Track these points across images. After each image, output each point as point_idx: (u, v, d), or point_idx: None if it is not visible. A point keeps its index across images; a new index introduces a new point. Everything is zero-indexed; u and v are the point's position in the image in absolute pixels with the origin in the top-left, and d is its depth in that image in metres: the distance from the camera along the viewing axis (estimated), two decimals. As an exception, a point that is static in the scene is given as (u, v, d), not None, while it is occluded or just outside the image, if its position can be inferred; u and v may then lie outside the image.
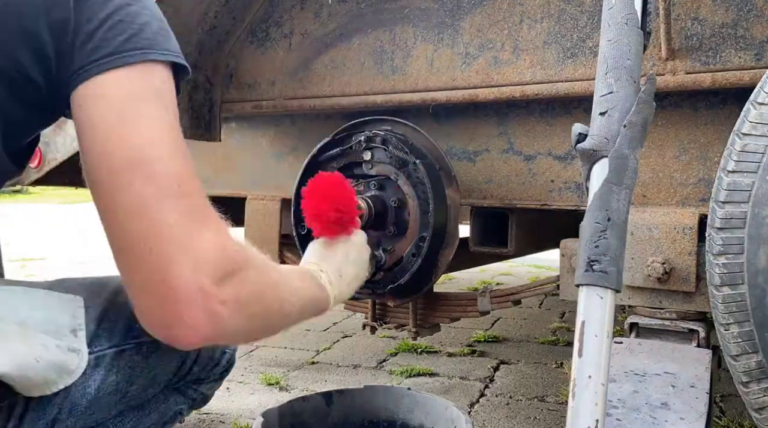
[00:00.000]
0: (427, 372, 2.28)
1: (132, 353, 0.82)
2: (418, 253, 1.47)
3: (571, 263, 1.39)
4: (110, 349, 0.80)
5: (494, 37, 1.46)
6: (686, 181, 1.34)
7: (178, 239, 0.66)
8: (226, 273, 0.68)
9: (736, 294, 0.96)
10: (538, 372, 2.32)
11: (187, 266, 0.65)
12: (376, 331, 1.86)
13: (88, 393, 0.78)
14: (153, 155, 0.67)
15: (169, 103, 0.71)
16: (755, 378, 0.97)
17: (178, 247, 0.66)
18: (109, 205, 0.68)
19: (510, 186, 1.54)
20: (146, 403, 0.90)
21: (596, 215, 0.80)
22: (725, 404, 1.97)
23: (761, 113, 0.96)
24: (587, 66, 1.36)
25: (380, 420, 1.08)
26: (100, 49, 0.68)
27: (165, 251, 0.65)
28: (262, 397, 2.01)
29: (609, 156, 0.82)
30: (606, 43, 0.87)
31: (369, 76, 1.62)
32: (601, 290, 0.78)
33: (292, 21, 1.73)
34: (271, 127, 1.94)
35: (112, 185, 0.67)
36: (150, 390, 0.88)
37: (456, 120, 1.61)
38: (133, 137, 0.67)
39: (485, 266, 4.02)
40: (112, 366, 0.80)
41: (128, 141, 0.67)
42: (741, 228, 0.96)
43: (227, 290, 0.68)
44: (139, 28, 0.70)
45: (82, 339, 0.76)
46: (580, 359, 0.76)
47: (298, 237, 1.62)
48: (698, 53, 1.26)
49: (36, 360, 0.69)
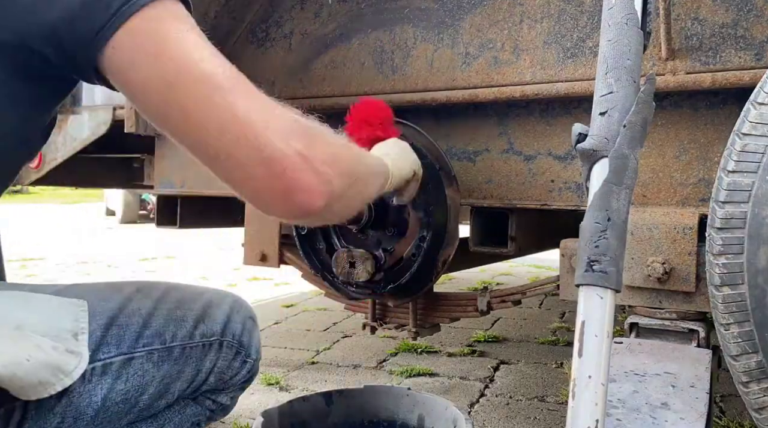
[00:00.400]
0: (427, 372, 2.28)
1: (142, 360, 0.80)
2: (418, 253, 1.47)
3: (571, 263, 1.39)
4: (118, 356, 0.78)
5: (494, 37, 1.46)
6: (686, 181, 1.34)
7: (263, 120, 0.70)
8: (309, 138, 0.73)
9: (736, 294, 0.96)
10: (538, 372, 2.32)
11: (279, 139, 0.70)
12: (376, 331, 1.86)
13: (94, 402, 0.76)
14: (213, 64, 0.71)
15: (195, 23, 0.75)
16: (755, 378, 0.97)
17: (265, 126, 0.70)
18: (193, 117, 0.70)
19: (510, 186, 1.54)
20: (160, 414, 0.88)
21: (596, 215, 0.80)
22: (725, 404, 1.97)
23: (761, 113, 0.96)
24: (587, 66, 1.36)
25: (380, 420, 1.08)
26: (114, 3, 0.69)
27: (258, 132, 0.69)
28: (262, 397, 2.01)
29: (609, 156, 0.82)
30: (606, 43, 0.87)
31: (369, 76, 1.62)
32: (601, 290, 0.78)
33: (292, 21, 1.73)
34: (271, 127, 1.94)
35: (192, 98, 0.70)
36: (163, 401, 0.85)
37: (456, 120, 1.61)
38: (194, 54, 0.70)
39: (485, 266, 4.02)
40: (120, 373, 0.78)
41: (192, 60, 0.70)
42: (741, 228, 0.96)
43: (319, 150, 0.73)
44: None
45: (83, 343, 0.74)
46: (580, 359, 0.76)
47: (298, 237, 1.62)
48: (698, 53, 1.26)
49: (27, 359, 0.68)
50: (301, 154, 0.70)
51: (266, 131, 0.70)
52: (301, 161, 0.70)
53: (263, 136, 0.69)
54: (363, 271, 1.50)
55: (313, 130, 0.76)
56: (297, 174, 0.70)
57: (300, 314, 3.43)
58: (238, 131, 0.69)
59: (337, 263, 1.54)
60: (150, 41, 0.70)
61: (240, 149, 0.69)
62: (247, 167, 0.70)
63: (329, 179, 0.73)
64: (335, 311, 3.29)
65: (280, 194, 0.71)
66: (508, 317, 3.22)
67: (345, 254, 1.53)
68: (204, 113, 0.69)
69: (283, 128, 0.71)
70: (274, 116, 0.71)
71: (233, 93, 0.70)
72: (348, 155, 0.83)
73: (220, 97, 0.69)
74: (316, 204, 0.72)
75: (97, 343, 0.77)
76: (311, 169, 0.71)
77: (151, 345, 0.81)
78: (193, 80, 0.69)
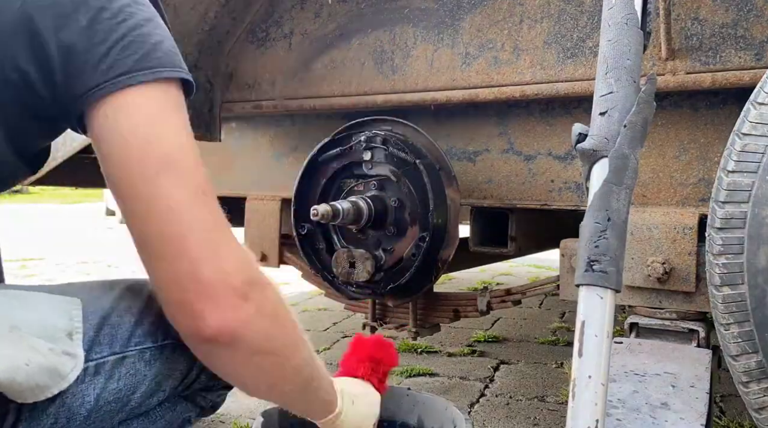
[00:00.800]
0: (427, 372, 2.28)
1: (135, 360, 0.80)
2: (418, 253, 1.47)
3: (571, 263, 1.39)
4: (111, 356, 0.78)
5: (494, 37, 1.46)
6: (686, 181, 1.34)
7: (208, 241, 0.71)
8: (250, 280, 0.73)
9: (736, 294, 0.96)
10: (538, 372, 2.32)
11: (217, 267, 0.70)
12: (376, 331, 1.86)
13: (87, 402, 0.75)
14: (183, 160, 0.72)
15: (186, 116, 0.76)
16: (755, 378, 0.97)
17: (209, 249, 0.71)
18: (142, 208, 0.71)
19: (510, 186, 1.54)
20: (152, 411, 0.88)
21: (596, 215, 0.80)
22: (725, 404, 1.97)
23: (761, 113, 0.96)
24: (587, 66, 1.36)
25: (380, 420, 1.08)
26: (115, 69, 0.71)
27: (197, 252, 0.70)
28: (262, 397, 2.01)
29: (609, 156, 0.82)
30: (606, 43, 0.87)
31: (369, 76, 1.62)
32: (601, 290, 0.78)
33: (292, 21, 1.73)
34: (271, 127, 1.94)
35: (145, 190, 0.70)
36: (155, 398, 0.85)
37: (456, 120, 1.61)
38: (165, 143, 0.71)
39: (485, 266, 4.02)
40: (113, 373, 0.78)
41: (161, 147, 0.71)
42: (741, 228, 0.96)
43: (253, 294, 0.73)
44: (152, 48, 0.74)
45: (78, 343, 0.74)
46: (580, 359, 0.76)
47: (298, 237, 1.62)
48: (698, 53, 1.26)
49: (26, 363, 0.68)
50: (232, 286, 0.71)
51: (210, 256, 0.70)
52: (227, 291, 0.71)
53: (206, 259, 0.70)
54: (363, 271, 1.50)
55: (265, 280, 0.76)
56: (213, 300, 0.70)
57: (300, 315, 3.43)
58: (186, 246, 0.70)
59: (337, 263, 1.54)
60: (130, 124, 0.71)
61: (178, 263, 0.70)
62: (175, 280, 0.71)
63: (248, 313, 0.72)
64: (335, 311, 3.29)
65: (191, 313, 0.71)
66: (508, 317, 3.22)
67: (345, 254, 1.53)
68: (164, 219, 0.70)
69: (230, 261, 0.72)
70: (229, 248, 0.72)
71: (199, 208, 0.71)
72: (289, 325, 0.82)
73: (187, 209, 0.70)
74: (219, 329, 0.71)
75: (90, 343, 0.76)
76: (230, 304, 0.71)
77: (143, 343, 0.80)
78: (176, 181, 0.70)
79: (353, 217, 1.44)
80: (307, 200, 1.57)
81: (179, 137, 0.73)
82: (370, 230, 1.52)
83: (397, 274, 1.50)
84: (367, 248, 1.53)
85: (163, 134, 0.72)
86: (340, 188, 1.57)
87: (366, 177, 1.53)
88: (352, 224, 1.47)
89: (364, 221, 1.47)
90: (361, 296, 1.69)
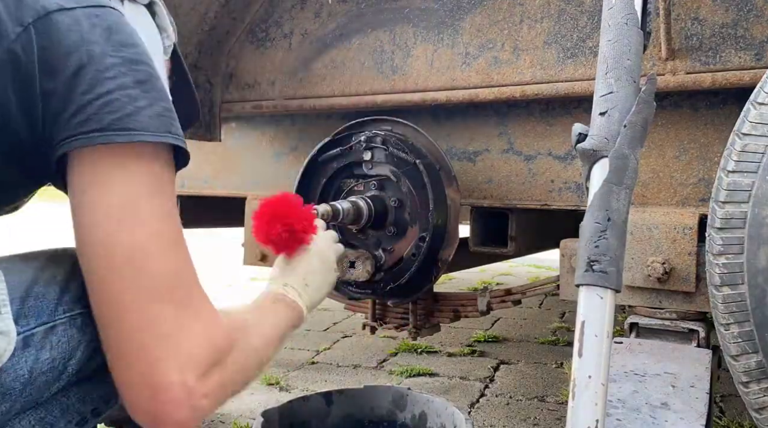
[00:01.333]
0: (427, 372, 2.28)
1: (66, 327, 0.78)
2: (418, 253, 1.47)
3: (571, 263, 1.39)
4: (39, 327, 0.76)
5: (494, 37, 1.46)
6: (686, 181, 1.34)
7: (167, 336, 0.71)
8: (211, 364, 0.73)
9: (736, 294, 0.96)
10: (538, 372, 2.32)
11: (174, 365, 0.70)
12: (376, 331, 1.86)
13: (20, 376, 0.74)
14: (149, 252, 0.71)
15: (165, 187, 0.74)
16: (755, 378, 0.97)
17: (167, 345, 0.70)
18: (103, 299, 0.72)
19: (510, 186, 1.54)
20: (96, 373, 0.85)
21: (596, 215, 0.80)
22: (725, 404, 1.97)
23: (761, 113, 0.96)
24: (587, 66, 1.36)
25: (380, 420, 1.08)
26: (89, 123, 0.70)
27: (154, 349, 0.70)
28: (262, 397, 2.01)
29: (609, 156, 0.82)
30: (606, 43, 0.87)
31: (369, 76, 1.62)
32: (601, 290, 0.78)
33: (292, 21, 1.73)
34: (271, 127, 1.94)
35: (107, 280, 0.71)
36: (93, 362, 0.83)
37: (456, 120, 1.61)
38: (130, 236, 0.71)
39: (485, 266, 4.02)
40: (44, 344, 0.76)
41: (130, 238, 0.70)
42: (741, 228, 0.96)
43: (211, 381, 0.73)
44: (134, 110, 0.72)
45: (7, 317, 0.73)
46: (580, 359, 0.76)
47: (298, 237, 1.61)
48: (698, 53, 1.26)
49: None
50: (188, 387, 0.71)
51: (168, 353, 0.70)
52: (182, 396, 0.71)
53: (162, 357, 0.70)
54: (363, 271, 1.50)
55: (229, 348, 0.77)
56: (170, 407, 0.71)
57: (300, 314, 3.42)
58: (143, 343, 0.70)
59: (337, 263, 1.54)
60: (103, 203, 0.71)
61: (135, 360, 0.70)
62: (133, 378, 0.71)
63: (204, 409, 0.73)
64: (335, 311, 3.29)
65: (147, 415, 0.72)
66: (508, 317, 3.22)
67: (345, 254, 1.52)
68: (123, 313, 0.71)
69: (189, 355, 0.71)
70: (190, 337, 0.72)
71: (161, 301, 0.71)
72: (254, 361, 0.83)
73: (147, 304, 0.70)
74: None
75: (16, 317, 0.74)
76: (189, 405, 0.71)
77: (72, 310, 0.79)
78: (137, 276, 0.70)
79: (353, 217, 1.44)
80: (307, 200, 1.57)
81: (149, 224, 0.72)
82: (370, 230, 1.52)
83: (397, 274, 1.50)
84: (367, 248, 1.53)
85: (135, 224, 0.71)
86: (340, 188, 1.57)
87: (366, 177, 1.53)
88: (352, 224, 1.47)
89: (364, 221, 1.47)
90: (361, 296, 1.69)
